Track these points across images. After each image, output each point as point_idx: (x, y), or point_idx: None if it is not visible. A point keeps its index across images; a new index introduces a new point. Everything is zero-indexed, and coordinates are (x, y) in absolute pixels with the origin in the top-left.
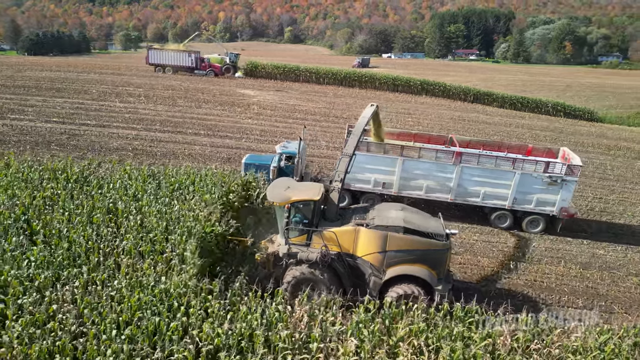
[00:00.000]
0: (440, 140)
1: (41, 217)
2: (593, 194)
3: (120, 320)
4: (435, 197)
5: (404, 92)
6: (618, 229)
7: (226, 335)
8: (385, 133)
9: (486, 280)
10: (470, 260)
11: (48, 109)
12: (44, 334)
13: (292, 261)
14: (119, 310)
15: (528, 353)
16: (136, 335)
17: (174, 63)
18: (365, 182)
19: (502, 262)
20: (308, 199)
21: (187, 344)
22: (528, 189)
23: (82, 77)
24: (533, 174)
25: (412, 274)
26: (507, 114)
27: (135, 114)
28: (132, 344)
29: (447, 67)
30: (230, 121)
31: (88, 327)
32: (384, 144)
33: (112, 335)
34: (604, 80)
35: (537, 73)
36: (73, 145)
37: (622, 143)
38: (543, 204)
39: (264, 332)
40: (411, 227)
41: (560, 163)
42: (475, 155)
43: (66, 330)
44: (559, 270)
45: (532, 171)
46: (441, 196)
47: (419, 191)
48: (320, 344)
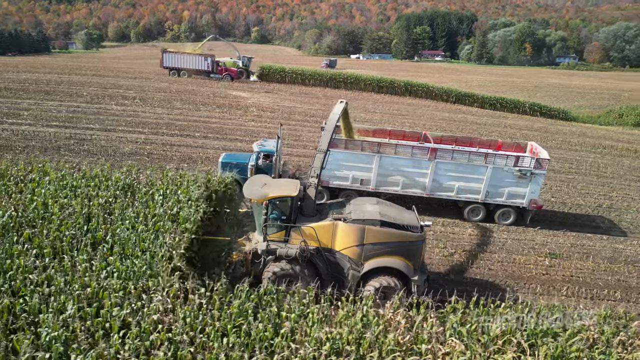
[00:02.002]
0: (414, 137)
1: (101, 226)
2: (597, 191)
3: (228, 329)
4: (412, 192)
5: (388, 93)
6: (629, 223)
7: (335, 339)
8: (355, 130)
9: (532, 277)
10: (505, 258)
11: (44, 113)
12: (156, 344)
13: (271, 257)
14: (218, 317)
15: (615, 345)
16: (244, 341)
17: (189, 67)
18: (343, 179)
19: (536, 259)
20: (285, 195)
21: (306, 348)
22: (499, 182)
23: (64, 79)
24: (504, 168)
25: (389, 265)
26: (491, 115)
27: (136, 117)
28: (242, 351)
29: (417, 68)
30: (233, 124)
31: (196, 336)
32: (361, 141)
33: (222, 343)
34: (567, 81)
35: (502, 74)
36: (85, 150)
37: (604, 141)
38: (514, 197)
39: (371, 336)
40: (387, 220)
41: (529, 157)
42: (449, 151)
43: (176, 341)
44: (588, 265)
45: (503, 165)
46: (417, 191)
47: (396, 187)
48: (427, 345)
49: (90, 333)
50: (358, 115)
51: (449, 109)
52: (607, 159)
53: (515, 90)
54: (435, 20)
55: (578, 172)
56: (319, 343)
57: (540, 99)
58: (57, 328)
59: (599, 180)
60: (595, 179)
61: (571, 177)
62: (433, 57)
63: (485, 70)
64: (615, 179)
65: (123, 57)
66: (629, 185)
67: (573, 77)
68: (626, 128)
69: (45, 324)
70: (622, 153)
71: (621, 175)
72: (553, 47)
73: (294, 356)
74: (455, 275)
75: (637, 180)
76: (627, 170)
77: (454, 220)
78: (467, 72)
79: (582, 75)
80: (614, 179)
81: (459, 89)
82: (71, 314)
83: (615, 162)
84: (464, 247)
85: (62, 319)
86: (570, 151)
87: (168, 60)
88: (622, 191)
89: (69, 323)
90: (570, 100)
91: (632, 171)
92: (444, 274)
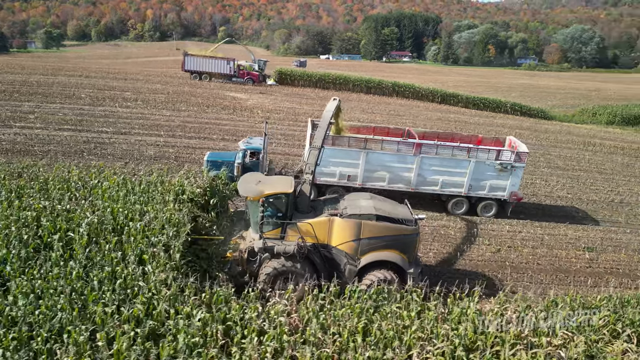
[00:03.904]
0: (398, 133)
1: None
2: (604, 187)
3: (359, 328)
4: (397, 187)
5: (376, 93)
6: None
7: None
8: (347, 127)
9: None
10: (548, 253)
11: (50, 116)
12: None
13: (267, 255)
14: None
15: None
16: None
17: (212, 70)
18: (330, 175)
19: (575, 253)
20: (282, 192)
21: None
22: (482, 176)
23: (52, 80)
24: (486, 161)
25: (386, 259)
26: (479, 114)
27: (146, 120)
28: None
29: (388, 68)
30: (245, 126)
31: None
32: (347, 138)
33: (357, 342)
34: (533, 82)
35: (471, 74)
36: (109, 154)
37: (590, 139)
38: (495, 190)
39: (495, 331)
40: (382, 214)
41: (509, 151)
42: (434, 146)
43: (311, 342)
44: (622, 257)
45: (485, 159)
46: (403, 186)
47: (382, 182)
48: (546, 337)
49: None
50: (358, 116)
51: (441, 109)
52: (599, 156)
53: (491, 90)
54: (402, 22)
55: (580, 169)
56: (446, 338)
57: (515, 99)
58: (195, 334)
59: (602, 177)
60: (598, 176)
61: (577, 174)
62: (401, 58)
63: (453, 71)
64: (615, 175)
65: (88, 56)
66: (629, 180)
67: (536, 77)
68: (600, 126)
69: (183, 329)
70: (611, 150)
71: (619, 172)
72: (515, 48)
73: (429, 353)
74: (511, 270)
75: (636, 176)
76: (622, 167)
77: (490, 219)
78: (437, 73)
79: (544, 76)
80: (613, 175)
81: (444, 89)
82: (201, 318)
83: (608, 159)
84: (506, 243)
85: (195, 325)
86: (565, 149)
87: (190, 63)
88: (626, 186)
89: (199, 328)
90: (544, 100)
91: (627, 167)
92: (494, 270)
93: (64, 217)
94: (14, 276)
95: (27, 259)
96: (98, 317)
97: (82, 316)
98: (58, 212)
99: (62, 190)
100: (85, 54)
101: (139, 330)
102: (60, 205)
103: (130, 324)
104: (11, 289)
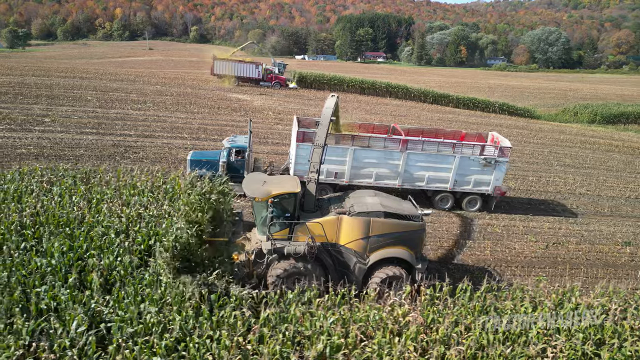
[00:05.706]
0: (383, 130)
1: None
2: (618, 184)
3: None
4: (384, 184)
5: (370, 94)
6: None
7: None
8: (344, 125)
9: (624, 264)
10: (592, 248)
11: (65, 119)
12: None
13: (275, 256)
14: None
15: None
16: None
17: (240, 74)
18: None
19: (616, 248)
20: (290, 192)
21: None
22: (466, 171)
23: (48, 82)
24: (471, 157)
25: (395, 256)
26: (473, 114)
27: (163, 122)
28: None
29: (366, 69)
30: (263, 127)
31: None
32: (334, 135)
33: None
34: (508, 82)
35: (447, 75)
36: (141, 157)
37: (583, 138)
38: (479, 184)
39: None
40: (390, 210)
41: (493, 146)
42: (419, 142)
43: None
44: None
45: (469, 154)
46: (389, 183)
47: (369, 179)
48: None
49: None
50: (363, 116)
51: (435, 109)
52: (599, 154)
53: (473, 90)
54: (376, 23)
55: (589, 167)
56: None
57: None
58: (339, 335)
59: (611, 174)
60: (607, 173)
61: (588, 172)
62: (375, 59)
63: (429, 71)
64: (621, 172)
65: (57, 56)
66: (635, 177)
67: (508, 77)
68: (584, 125)
69: (326, 331)
70: (608, 148)
71: (623, 169)
72: (485, 49)
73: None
74: (564, 266)
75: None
76: (625, 164)
77: (527, 215)
78: (414, 73)
79: (515, 76)
80: (620, 172)
81: (435, 90)
82: (334, 320)
83: (609, 157)
84: (551, 239)
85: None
86: (567, 148)
87: (219, 67)
88: (636, 183)
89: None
90: (525, 99)
91: (629, 165)
92: (549, 266)
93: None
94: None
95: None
96: None
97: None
98: (148, 218)
99: (136, 194)
100: (54, 54)
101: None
102: (147, 211)
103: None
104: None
